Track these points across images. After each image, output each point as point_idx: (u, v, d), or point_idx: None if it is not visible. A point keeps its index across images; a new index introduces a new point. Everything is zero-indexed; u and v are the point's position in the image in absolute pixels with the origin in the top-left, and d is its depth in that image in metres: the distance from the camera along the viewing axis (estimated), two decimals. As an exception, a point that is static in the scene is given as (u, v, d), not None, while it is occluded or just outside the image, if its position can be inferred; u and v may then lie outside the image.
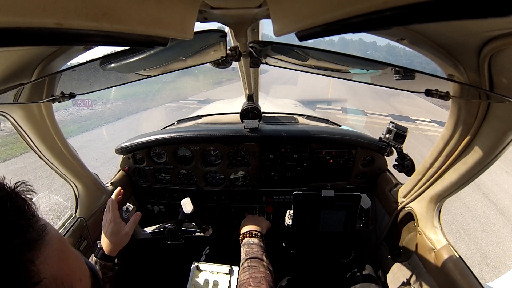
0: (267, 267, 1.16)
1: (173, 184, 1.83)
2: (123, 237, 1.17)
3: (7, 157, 7.86)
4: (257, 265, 1.15)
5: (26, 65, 0.74)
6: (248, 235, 1.36)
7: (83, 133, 10.11)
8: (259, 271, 1.12)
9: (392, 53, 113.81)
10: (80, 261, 0.50)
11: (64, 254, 0.45)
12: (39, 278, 0.38)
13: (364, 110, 13.80)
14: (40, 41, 0.34)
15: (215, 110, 3.01)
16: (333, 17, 0.33)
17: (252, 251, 1.23)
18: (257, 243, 1.30)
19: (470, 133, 0.92)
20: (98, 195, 1.50)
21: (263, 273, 1.11)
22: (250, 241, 1.31)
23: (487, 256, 4.00)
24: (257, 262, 1.17)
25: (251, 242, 1.30)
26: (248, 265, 1.15)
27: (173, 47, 0.77)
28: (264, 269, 1.13)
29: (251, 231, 1.38)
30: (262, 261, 1.18)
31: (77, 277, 0.47)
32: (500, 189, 5.93)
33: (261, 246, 1.28)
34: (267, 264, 1.18)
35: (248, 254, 1.22)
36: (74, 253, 0.49)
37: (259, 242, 1.30)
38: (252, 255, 1.20)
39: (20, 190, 0.43)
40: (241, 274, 1.14)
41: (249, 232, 1.37)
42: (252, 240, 1.31)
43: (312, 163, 1.74)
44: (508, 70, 0.66)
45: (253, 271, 1.11)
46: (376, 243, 1.67)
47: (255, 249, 1.25)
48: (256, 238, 1.34)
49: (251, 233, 1.36)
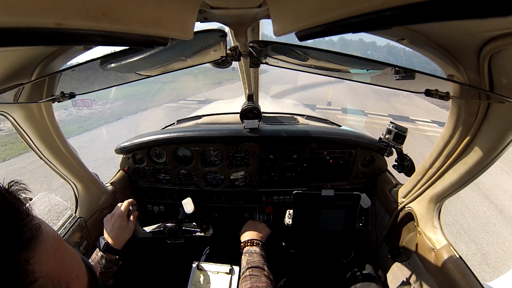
0: (268, 277, 1.18)
1: (173, 184, 1.82)
2: (129, 231, 1.29)
3: (6, 157, 7.86)
4: (259, 274, 1.17)
5: (26, 65, 0.74)
6: (250, 243, 1.38)
7: (83, 133, 10.11)
8: (260, 281, 1.14)
9: (392, 53, 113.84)
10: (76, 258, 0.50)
11: (59, 252, 0.45)
12: (34, 277, 0.38)
13: (364, 110, 13.80)
14: (40, 41, 0.34)
15: (215, 110, 3.00)
16: (333, 17, 0.33)
17: (253, 260, 1.26)
18: (258, 252, 1.32)
19: (470, 133, 0.92)
20: (98, 195, 1.50)
21: (265, 283, 1.13)
22: (251, 250, 1.33)
23: (487, 257, 4.00)
24: (258, 271, 1.19)
25: (253, 251, 1.33)
26: (250, 274, 1.17)
27: (173, 47, 0.77)
28: (266, 279, 1.16)
29: (252, 239, 1.40)
30: (264, 270, 1.20)
31: (74, 274, 0.47)
32: (500, 190, 5.93)
33: (262, 256, 1.30)
34: (268, 274, 1.20)
35: (249, 263, 1.24)
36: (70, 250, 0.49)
37: (260, 251, 1.33)
38: (254, 264, 1.22)
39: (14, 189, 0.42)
40: (242, 282, 1.16)
41: (251, 241, 1.39)
42: (254, 249, 1.34)
43: (312, 163, 1.73)
44: (508, 70, 0.66)
45: (255, 280, 1.14)
46: (376, 243, 1.67)
47: (257, 259, 1.27)
48: (258, 247, 1.36)
49: (253, 242, 1.39)
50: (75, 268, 0.48)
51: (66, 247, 0.48)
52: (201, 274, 1.37)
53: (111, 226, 1.26)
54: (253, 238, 1.42)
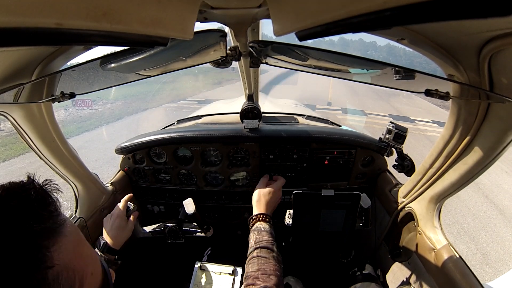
0: (277, 259, 1.08)
1: (173, 184, 1.83)
2: (128, 231, 1.29)
3: (7, 157, 7.86)
4: (267, 256, 1.07)
5: (26, 65, 0.74)
6: (259, 218, 1.26)
7: (83, 133, 10.11)
8: (269, 264, 1.04)
9: (392, 53, 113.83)
10: (94, 257, 0.55)
11: (79, 248, 0.50)
12: (52, 263, 0.42)
13: (364, 110, 13.81)
14: (40, 41, 0.34)
15: (215, 110, 3.01)
16: (333, 17, 0.33)
17: (262, 239, 1.14)
18: (268, 230, 1.20)
19: (470, 133, 0.92)
20: (98, 195, 1.50)
21: (273, 266, 1.03)
22: (260, 227, 1.21)
23: (487, 257, 4.00)
24: (267, 253, 1.08)
25: (262, 228, 1.20)
26: (258, 255, 1.07)
27: (173, 47, 0.77)
28: (274, 262, 1.06)
29: (262, 214, 1.28)
30: (273, 252, 1.10)
31: (89, 271, 0.51)
32: (500, 190, 5.93)
33: (271, 234, 1.19)
34: (277, 255, 1.10)
35: (258, 242, 1.13)
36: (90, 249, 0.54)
37: (270, 229, 1.21)
38: (262, 244, 1.12)
39: (48, 187, 0.49)
40: (249, 264, 1.05)
41: (262, 216, 1.27)
42: (263, 226, 1.21)
43: (312, 163, 1.73)
44: (508, 70, 0.66)
45: (263, 263, 1.04)
46: (376, 243, 1.67)
47: (266, 237, 1.15)
48: (267, 223, 1.24)
49: (263, 217, 1.26)
50: (91, 265, 0.52)
51: (87, 246, 0.53)
52: (203, 275, 1.37)
53: (110, 226, 1.26)
54: (262, 212, 1.30)
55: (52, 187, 0.49)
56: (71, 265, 0.46)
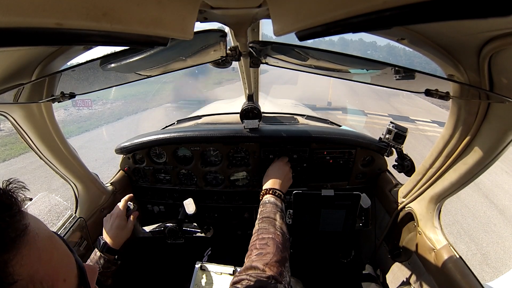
0: (279, 227, 1.05)
1: (173, 184, 1.83)
2: (127, 231, 1.28)
3: (7, 157, 7.86)
4: (267, 225, 1.06)
5: (26, 65, 0.74)
6: (268, 192, 1.26)
7: (83, 133, 10.12)
8: (267, 232, 1.02)
9: (392, 53, 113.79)
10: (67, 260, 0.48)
11: (47, 253, 0.44)
12: (13, 279, 0.37)
13: (364, 110, 13.81)
14: (40, 41, 0.34)
15: (215, 110, 3.00)
16: (333, 17, 0.33)
17: (265, 211, 1.14)
18: (272, 201, 1.19)
19: (470, 133, 0.92)
20: (98, 195, 1.50)
21: (272, 233, 1.01)
22: (266, 200, 1.21)
23: (487, 257, 4.00)
24: (268, 222, 1.07)
25: (267, 201, 1.21)
26: (258, 227, 1.07)
27: (173, 47, 0.77)
28: (274, 229, 1.03)
29: (273, 189, 1.27)
30: (275, 220, 1.08)
31: (60, 277, 0.45)
32: (500, 190, 5.94)
33: (276, 205, 1.17)
34: (280, 224, 1.07)
35: (261, 214, 1.13)
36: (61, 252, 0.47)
37: (275, 201, 1.20)
38: (265, 215, 1.11)
39: (12, 187, 0.42)
40: (252, 237, 1.05)
41: (271, 190, 1.26)
42: (268, 199, 1.22)
43: (312, 163, 1.74)
44: (508, 70, 0.66)
45: (261, 232, 1.03)
46: (376, 243, 1.67)
47: (269, 209, 1.14)
48: (273, 196, 1.23)
49: (273, 191, 1.26)
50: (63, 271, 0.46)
51: (57, 249, 0.46)
52: (204, 275, 1.37)
53: (110, 225, 1.26)
54: (274, 187, 1.28)
55: (18, 185, 0.43)
56: (37, 276, 0.40)
